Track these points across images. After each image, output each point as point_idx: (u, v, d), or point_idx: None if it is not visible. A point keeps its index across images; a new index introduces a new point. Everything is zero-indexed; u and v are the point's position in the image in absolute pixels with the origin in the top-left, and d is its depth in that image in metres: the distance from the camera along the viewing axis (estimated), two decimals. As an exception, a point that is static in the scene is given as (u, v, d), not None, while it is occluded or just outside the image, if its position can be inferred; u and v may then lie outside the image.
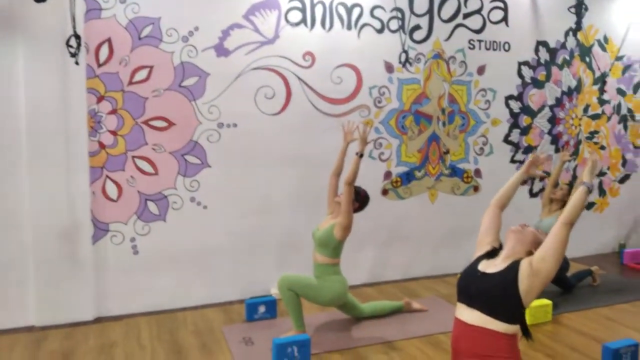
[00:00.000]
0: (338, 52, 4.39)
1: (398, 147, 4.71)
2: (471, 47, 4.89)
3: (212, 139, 4.07)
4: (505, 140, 5.16)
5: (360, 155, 3.38)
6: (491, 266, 2.21)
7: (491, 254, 2.29)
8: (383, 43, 4.54)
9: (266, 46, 4.16)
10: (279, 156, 4.28)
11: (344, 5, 4.37)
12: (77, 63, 3.53)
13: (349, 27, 4.41)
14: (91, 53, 3.73)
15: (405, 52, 4.62)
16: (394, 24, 4.56)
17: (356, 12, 4.41)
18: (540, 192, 5.34)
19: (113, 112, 3.82)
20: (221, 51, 4.04)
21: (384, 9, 4.51)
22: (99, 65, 3.76)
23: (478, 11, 4.87)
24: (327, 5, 4.32)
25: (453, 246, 4.94)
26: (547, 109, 5.34)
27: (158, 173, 3.95)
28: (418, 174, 4.83)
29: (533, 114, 5.27)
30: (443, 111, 4.85)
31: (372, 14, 4.48)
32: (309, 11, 4.27)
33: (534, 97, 5.25)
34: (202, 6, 3.96)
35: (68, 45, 3.49)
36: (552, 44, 5.27)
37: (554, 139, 5.42)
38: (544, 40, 5.22)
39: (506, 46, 5.04)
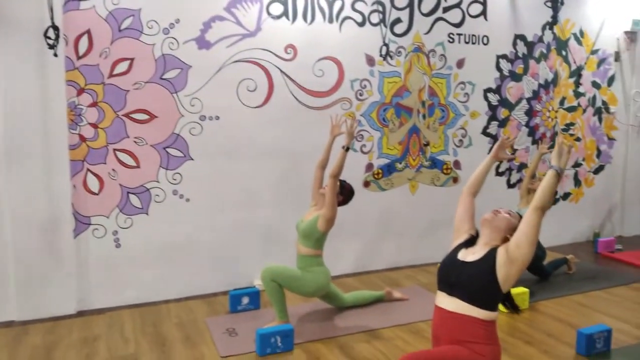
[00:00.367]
0: (320, 45, 4.41)
1: (379, 140, 4.76)
2: (451, 41, 4.95)
3: (195, 132, 4.07)
4: (483, 132, 5.25)
5: (346, 149, 3.42)
6: (470, 254, 2.27)
7: (469, 242, 2.35)
8: (364, 36, 4.57)
9: (248, 39, 4.15)
10: (262, 149, 4.29)
11: (326, -2, 4.39)
12: (56, 55, 3.49)
13: (331, 20, 4.43)
14: (70, 45, 3.68)
15: (386, 45, 4.66)
16: (375, 17, 4.59)
17: (337, 5, 4.43)
18: (517, 183, 5.46)
19: (93, 105, 3.79)
20: (203, 43, 4.02)
21: (365, 2, 4.54)
22: (79, 57, 3.71)
23: (457, 5, 4.93)
24: (309, -2, 4.33)
25: (433, 236, 5.02)
26: (525, 102, 5.45)
27: (140, 166, 3.94)
28: (399, 166, 4.89)
29: (511, 107, 5.37)
30: (423, 104, 4.91)
31: (354, 7, 4.50)
32: (291, 4, 4.27)
33: (512, 90, 5.35)
34: (183, -2, 3.94)
35: (46, 36, 3.45)
36: (530, 38, 5.36)
37: (531, 131, 5.53)
38: (522, 34, 5.31)
39: (485, 40, 5.11)
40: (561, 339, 3.32)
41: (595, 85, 5.84)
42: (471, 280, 2.18)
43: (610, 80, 5.93)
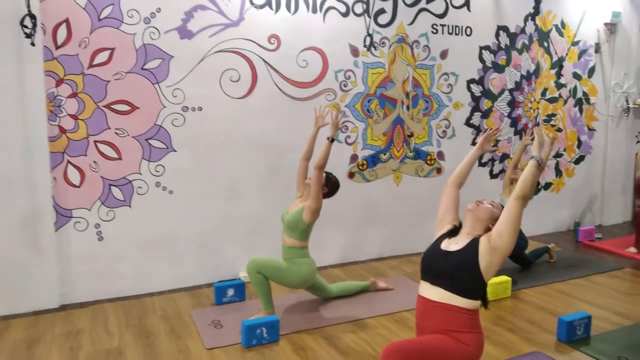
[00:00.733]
0: (303, 36, 4.38)
1: (364, 131, 4.76)
2: (434, 32, 4.96)
3: (177, 123, 4.02)
4: (466, 123, 5.28)
5: (331, 140, 3.41)
6: (453, 244, 2.29)
7: (452, 232, 2.38)
8: (348, 26, 4.55)
9: (231, 28, 4.11)
10: (246, 140, 4.26)
11: (309, -13, 4.36)
12: (33, 44, 3.41)
13: (314, 11, 4.40)
14: (48, 34, 3.60)
15: (370, 36, 4.65)
16: (359, 8, 4.57)
17: (321, -5, 4.41)
18: (500, 174, 5.51)
19: (73, 96, 3.72)
20: (184, 33, 3.97)
21: (349, -8, 4.52)
22: (57, 47, 3.63)
23: (441, -5, 4.94)
24: (292, -13, 4.30)
25: (417, 226, 5.06)
26: (507, 93, 5.49)
27: (122, 158, 3.88)
28: (383, 157, 4.90)
29: (493, 98, 5.41)
30: (407, 95, 4.92)
31: (337, -3, 4.48)
32: (274, -7, 4.23)
33: (495, 81, 5.39)
34: (164, -13, 3.87)
35: (22, 25, 3.37)
36: (512, 29, 5.39)
37: (514, 122, 5.58)
38: (504, 25, 5.34)
39: (468, 31, 5.13)
40: (542, 326, 3.37)
41: (576, 76, 5.91)
42: (454, 269, 2.20)
43: (590, 71, 6.00)
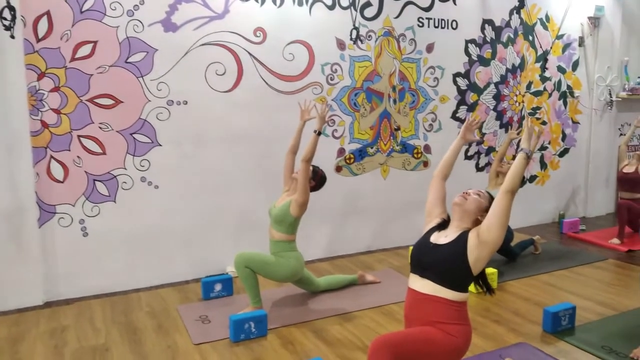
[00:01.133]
0: (289, 29, 4.35)
1: (351, 124, 4.76)
2: (420, 25, 4.96)
3: (162, 117, 3.98)
4: (453, 116, 5.30)
5: (318, 133, 3.40)
6: (442, 237, 2.30)
7: (441, 226, 2.39)
8: (334, 20, 4.53)
9: (216, 21, 4.06)
10: (232, 134, 4.23)
11: (295, -20, 4.33)
12: (13, 37, 3.35)
13: (300, 3, 4.37)
14: (29, 27, 3.52)
15: (356, 29, 4.64)
16: (345, 1, 4.55)
17: (307, -12, 4.38)
18: (486, 167, 5.55)
19: (55, 90, 3.65)
20: (169, 26, 3.92)
21: (335, -15, 4.50)
22: (38, 40, 3.56)
23: (427, -11, 4.94)
24: (278, -20, 4.26)
25: (405, 220, 5.08)
26: (493, 86, 5.52)
27: (106, 152, 3.83)
28: (370, 151, 4.90)
29: (479, 91, 5.44)
30: (394, 88, 4.92)
31: (323, -10, 4.45)
32: (259, -14, 4.20)
33: (480, 75, 5.41)
34: (148, -21, 3.81)
35: (1, 17, 3.29)
36: (498, 22, 5.42)
37: (499, 115, 5.62)
38: (490, 18, 5.36)
39: (454, 24, 5.14)
40: (528, 317, 3.41)
41: (560, 69, 5.96)
42: (443, 262, 2.21)
43: (574, 64, 6.06)
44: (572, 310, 3.23)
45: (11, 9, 3.30)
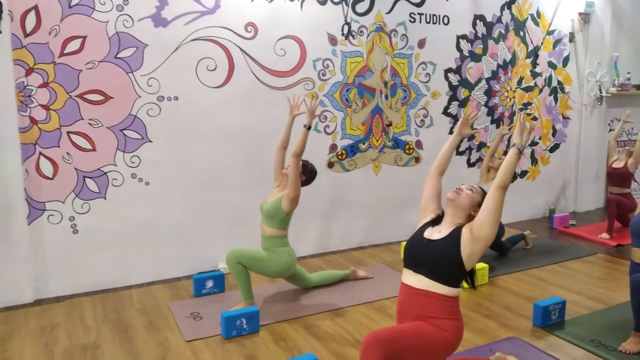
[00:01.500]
0: (281, 24, 4.33)
1: (343, 120, 4.75)
2: (412, 21, 4.95)
3: (152, 113, 3.95)
4: (444, 112, 5.31)
5: (308, 127, 3.40)
6: (435, 233, 2.31)
7: (435, 221, 2.40)
8: (326, 15, 4.52)
9: (207, 16, 4.03)
10: (224, 130, 4.21)
11: (286, -25, 4.30)
12: (0, 32, 3.30)
13: (292, -2, 4.35)
14: (16, 22, 3.48)
15: (347, 25, 4.63)
16: (337, -4, 4.54)
17: (298, -17, 4.36)
18: (477, 162, 5.57)
19: (44, 86, 3.61)
20: (159, 21, 3.89)
21: (327, -20, 4.48)
22: (26, 35, 3.52)
23: (418, -16, 4.93)
24: (269, -25, 4.24)
25: (397, 215, 5.09)
26: (484, 82, 5.53)
27: (96, 149, 3.80)
28: (362, 147, 4.90)
29: (471, 87, 5.45)
30: (385, 84, 4.92)
31: (315, -15, 4.43)
32: (250, -19, 4.17)
33: (472, 70, 5.42)
34: (137, -27, 3.78)
35: (-12, 12, 3.26)
36: (489, 18, 5.42)
37: (490, 111, 5.64)
38: (481, 14, 5.37)
39: (445, 20, 5.14)
40: (519, 312, 3.43)
41: (551, 65, 5.99)
42: (436, 257, 2.22)
43: (565, 60, 6.09)
44: (562, 304, 3.26)
45: (-2, 4, 3.26)
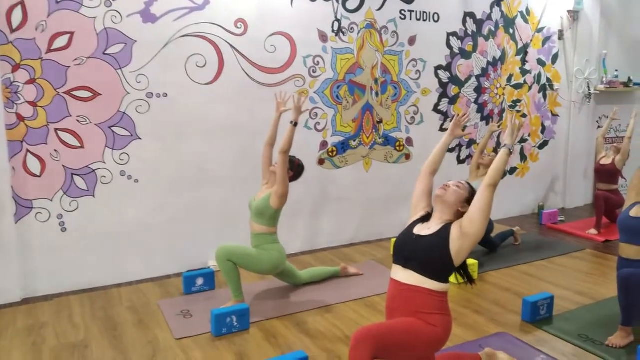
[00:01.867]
0: (271, 20, 4.32)
1: (333, 117, 4.75)
2: (402, 18, 4.96)
3: (141, 110, 3.92)
4: (434, 109, 5.33)
5: (294, 124, 3.39)
6: (425, 229, 2.33)
7: (425, 218, 2.42)
8: (316, 11, 4.51)
9: (196, 12, 4.01)
10: (213, 127, 4.19)
11: (276, -29, 4.29)
12: (-13, 28, 3.26)
13: (282, -5, 4.34)
14: (2, 17, 3.43)
15: (338, 21, 4.62)
16: (327, -8, 4.54)
17: (288, -21, 4.34)
18: (467, 159, 5.60)
19: (31, 82, 3.57)
20: (148, 17, 3.85)
21: (317, -23, 4.47)
22: (12, 30, 3.47)
23: (409, -19, 4.93)
24: (259, -29, 4.22)
25: (387, 212, 5.10)
26: (474, 79, 5.56)
27: (84, 146, 3.76)
28: (353, 144, 4.90)
29: (461, 84, 5.47)
30: (376, 81, 4.92)
31: (305, -18, 4.42)
32: (240, -23, 4.15)
33: (462, 68, 5.44)
34: (126, -32, 3.74)
35: (-25, 8, 3.21)
36: (479, 15, 5.44)
37: (480, 108, 5.66)
38: (471, 11, 5.38)
39: (435, 17, 5.15)
40: (508, 307, 3.46)
41: (540, 62, 6.02)
42: (425, 253, 2.24)
43: (554, 57, 6.13)
44: (551, 299, 3.29)
45: (-17, -1, 3.21)
